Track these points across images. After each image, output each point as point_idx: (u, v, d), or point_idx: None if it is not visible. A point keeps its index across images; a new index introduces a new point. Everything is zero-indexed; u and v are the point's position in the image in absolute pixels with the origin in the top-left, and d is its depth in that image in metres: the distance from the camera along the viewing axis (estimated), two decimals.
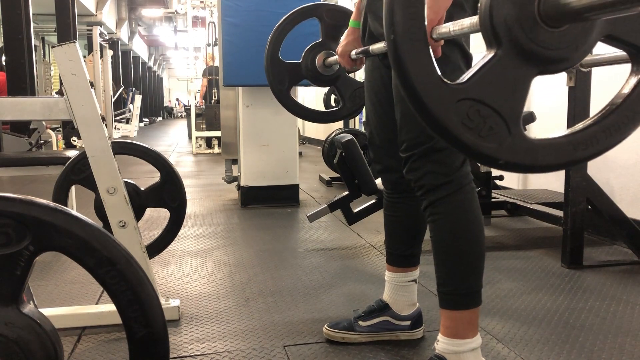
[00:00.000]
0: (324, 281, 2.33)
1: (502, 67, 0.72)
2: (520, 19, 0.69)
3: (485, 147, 0.74)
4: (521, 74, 0.73)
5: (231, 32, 3.59)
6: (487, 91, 0.73)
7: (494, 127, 0.73)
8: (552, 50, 0.70)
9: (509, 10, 0.69)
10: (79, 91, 1.65)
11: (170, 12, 16.22)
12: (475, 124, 0.73)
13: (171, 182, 2.13)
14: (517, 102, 0.74)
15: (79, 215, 0.76)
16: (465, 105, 0.73)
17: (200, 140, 8.69)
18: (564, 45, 0.71)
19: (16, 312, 0.74)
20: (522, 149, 0.75)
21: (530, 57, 0.71)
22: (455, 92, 0.73)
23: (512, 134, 0.74)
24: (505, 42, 0.70)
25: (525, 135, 0.75)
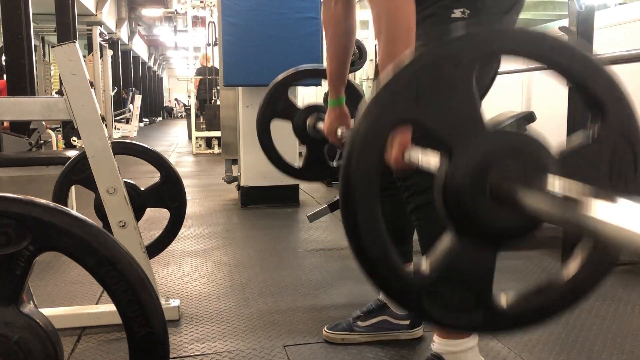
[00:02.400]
0: (324, 281, 2.33)
1: (462, 251, 0.75)
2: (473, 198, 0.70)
3: (461, 321, 0.78)
4: (483, 254, 0.77)
5: (231, 32, 3.59)
6: (452, 275, 0.76)
7: (464, 303, 0.78)
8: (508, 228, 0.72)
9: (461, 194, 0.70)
10: (79, 91, 1.65)
11: (170, 12, 16.20)
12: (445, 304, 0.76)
13: (171, 182, 2.13)
14: (484, 279, 0.79)
15: (79, 215, 0.76)
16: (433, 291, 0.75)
17: (200, 140, 8.69)
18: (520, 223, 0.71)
19: (16, 312, 0.74)
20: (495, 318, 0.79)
21: (487, 238, 0.74)
22: (421, 281, 0.75)
23: (483, 308, 0.78)
24: (462, 227, 0.73)
25: (498, 304, 0.79)
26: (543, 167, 0.70)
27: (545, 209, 0.59)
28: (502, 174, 0.68)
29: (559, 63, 0.73)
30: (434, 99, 0.70)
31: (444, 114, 0.71)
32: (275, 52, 3.53)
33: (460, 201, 0.70)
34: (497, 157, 0.70)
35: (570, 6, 2.41)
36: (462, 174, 0.70)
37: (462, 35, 0.72)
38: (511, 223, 0.71)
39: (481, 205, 0.69)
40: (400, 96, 0.70)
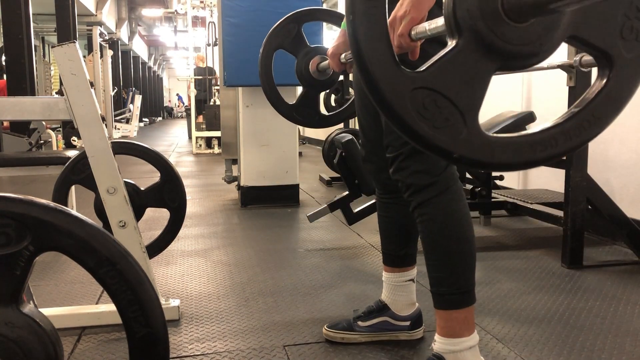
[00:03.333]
0: (324, 281, 2.33)
1: (462, 58, 0.70)
2: (483, 11, 0.67)
3: (439, 138, 0.72)
4: (481, 67, 0.71)
5: (231, 32, 3.59)
6: (445, 81, 0.71)
7: (449, 118, 0.71)
8: (514, 46, 0.69)
9: (472, 3, 0.67)
10: (79, 91, 1.65)
11: (170, 12, 16.19)
12: (430, 114, 0.71)
13: (171, 182, 2.13)
14: (476, 94, 0.72)
15: (79, 215, 0.76)
16: (422, 94, 0.71)
17: (200, 140, 8.70)
18: (526, 42, 0.69)
19: (16, 312, 0.74)
20: (477, 144, 0.73)
21: (491, 50, 0.70)
22: (412, 80, 0.71)
23: (468, 127, 0.72)
24: (467, 33, 0.69)
25: (482, 131, 0.73)
26: None
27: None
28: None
29: None
30: None
31: None
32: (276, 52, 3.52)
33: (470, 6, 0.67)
34: None
35: None
36: None
37: None
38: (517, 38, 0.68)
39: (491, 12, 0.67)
40: None
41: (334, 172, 4.95)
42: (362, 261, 2.60)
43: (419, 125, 0.71)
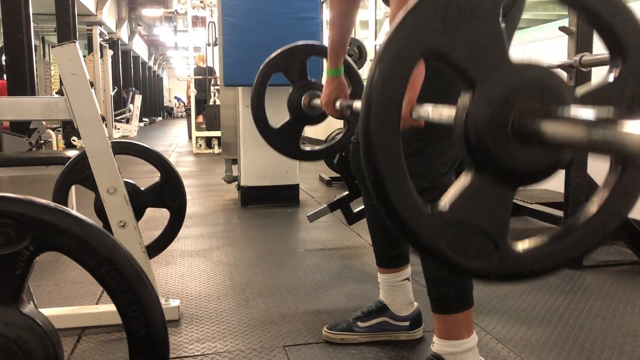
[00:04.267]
0: (324, 281, 2.33)
1: (482, 190, 0.73)
2: (494, 136, 0.68)
3: (475, 266, 0.75)
4: (502, 193, 0.74)
5: (231, 32, 3.59)
6: (471, 215, 0.74)
7: (482, 246, 0.74)
8: (528, 166, 0.70)
9: (483, 128, 0.68)
10: (79, 91, 1.65)
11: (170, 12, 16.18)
12: (463, 246, 0.74)
13: (171, 182, 2.13)
14: (502, 218, 0.75)
15: (79, 215, 0.76)
16: (452, 230, 0.73)
17: (200, 140, 8.70)
18: (539, 161, 0.70)
19: (16, 312, 0.74)
20: (510, 262, 0.76)
21: (507, 175, 0.71)
22: (440, 219, 0.73)
23: (500, 251, 0.75)
24: (481, 163, 0.71)
25: (514, 249, 0.76)
26: (566, 101, 0.68)
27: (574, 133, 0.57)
28: (525, 108, 0.66)
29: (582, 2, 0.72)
30: (460, 28, 0.68)
31: (470, 45, 0.68)
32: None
33: (481, 136, 0.68)
34: (521, 91, 0.67)
35: None
36: (485, 108, 0.67)
37: None
38: (532, 160, 0.69)
39: (503, 141, 0.67)
40: (428, 24, 0.67)
41: (334, 172, 4.95)
42: (362, 261, 2.60)
43: (454, 259, 0.74)
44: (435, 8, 0.67)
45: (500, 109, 0.67)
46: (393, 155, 0.72)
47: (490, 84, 0.68)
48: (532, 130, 0.64)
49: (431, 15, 0.67)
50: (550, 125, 0.61)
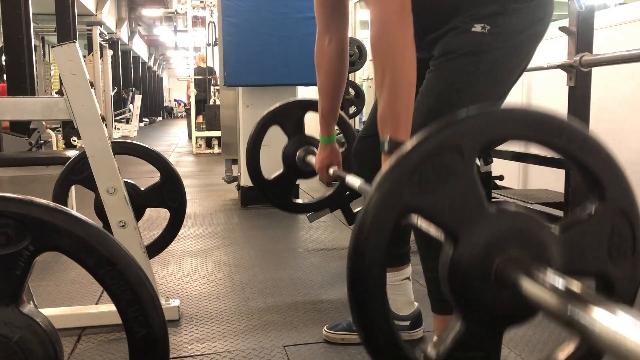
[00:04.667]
0: (324, 281, 2.33)
1: (469, 335, 0.76)
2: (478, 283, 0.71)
3: None
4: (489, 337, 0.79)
5: (231, 32, 3.59)
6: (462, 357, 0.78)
7: None
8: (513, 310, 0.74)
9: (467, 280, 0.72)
10: (79, 91, 1.65)
11: (170, 12, 16.17)
12: None
13: (171, 182, 2.13)
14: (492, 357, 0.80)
15: (79, 215, 0.76)
16: None
17: (200, 140, 8.70)
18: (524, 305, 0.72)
19: (16, 312, 0.74)
20: None
21: (493, 320, 0.76)
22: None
23: None
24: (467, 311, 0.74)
25: None
26: (545, 248, 0.72)
27: (545, 303, 0.61)
28: (506, 258, 0.70)
29: (559, 145, 0.75)
30: (437, 186, 0.72)
31: (448, 202, 0.72)
32: (276, 52, 3.53)
33: (466, 286, 0.72)
34: (501, 241, 0.71)
35: (570, 6, 2.41)
36: (468, 260, 0.71)
37: (465, 120, 0.73)
38: (516, 307, 0.73)
39: (487, 290, 0.71)
40: (404, 185, 0.71)
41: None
42: None
43: None
44: (410, 172, 0.71)
45: (482, 259, 0.71)
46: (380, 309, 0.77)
47: (471, 237, 0.72)
48: (512, 282, 0.67)
49: (406, 179, 0.71)
50: (528, 285, 0.65)
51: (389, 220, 0.73)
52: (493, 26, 1.26)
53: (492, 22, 1.26)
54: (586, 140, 0.76)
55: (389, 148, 1.14)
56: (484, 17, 1.26)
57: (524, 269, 0.67)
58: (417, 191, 0.71)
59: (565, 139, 0.75)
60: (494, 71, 1.28)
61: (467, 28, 1.26)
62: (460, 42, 1.27)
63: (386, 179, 0.72)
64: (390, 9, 1.12)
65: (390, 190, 0.71)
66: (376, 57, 1.16)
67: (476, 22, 1.26)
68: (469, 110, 0.73)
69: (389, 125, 1.14)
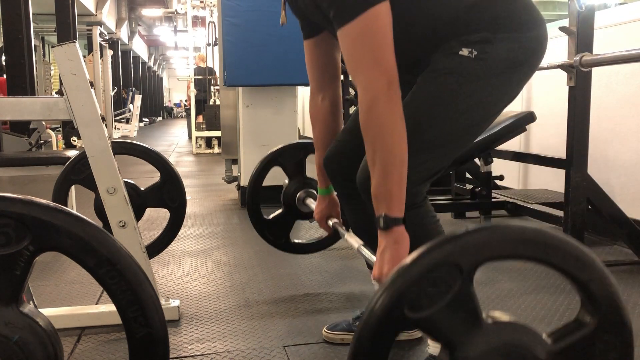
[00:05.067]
0: (324, 281, 2.33)
1: None
2: None
3: None
4: None
5: (231, 32, 3.59)
6: None
7: None
8: None
9: None
10: (79, 91, 1.65)
11: (170, 12, 16.17)
12: None
13: (171, 182, 2.13)
14: None
15: (79, 215, 0.76)
16: None
17: (200, 140, 8.70)
18: None
19: (16, 312, 0.74)
20: None
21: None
22: None
23: None
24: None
25: None
26: None
27: None
28: None
29: (557, 263, 0.79)
30: (436, 301, 0.75)
31: (446, 316, 0.75)
32: (276, 52, 3.53)
33: None
34: (497, 352, 0.75)
35: (570, 6, 2.41)
36: None
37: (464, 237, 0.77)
38: None
39: None
40: (405, 301, 0.75)
41: None
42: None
43: None
44: (410, 286, 0.75)
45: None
46: None
47: (467, 348, 0.75)
48: None
49: (406, 293, 0.75)
50: None
51: (389, 333, 0.77)
52: (480, 52, 1.25)
53: (480, 49, 1.25)
54: (584, 258, 0.80)
55: (384, 225, 1.15)
56: (473, 42, 1.25)
57: None
58: (417, 306, 0.75)
59: (561, 257, 0.79)
60: (476, 94, 1.27)
61: (455, 51, 1.26)
62: (445, 62, 1.27)
63: (387, 290, 0.75)
64: (377, 86, 1.12)
65: (391, 304, 0.75)
66: (366, 134, 1.17)
67: (464, 46, 1.25)
68: (467, 228, 0.77)
69: (383, 202, 1.15)
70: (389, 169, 1.14)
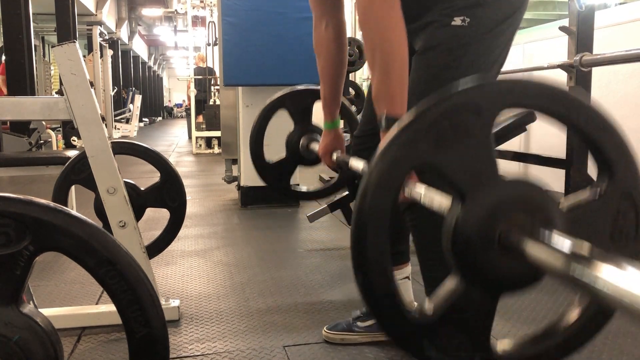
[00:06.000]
0: (324, 281, 2.33)
1: (465, 295, 0.76)
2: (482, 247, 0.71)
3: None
4: (485, 299, 0.78)
5: (231, 32, 3.59)
6: (454, 318, 0.77)
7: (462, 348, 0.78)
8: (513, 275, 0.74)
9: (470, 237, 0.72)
10: (79, 91, 1.65)
11: (170, 12, 16.17)
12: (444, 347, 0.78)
13: (171, 182, 2.13)
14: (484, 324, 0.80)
15: (79, 215, 0.76)
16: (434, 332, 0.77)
17: (200, 140, 8.70)
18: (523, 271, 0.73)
19: (16, 312, 0.74)
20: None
21: (491, 284, 0.75)
22: (423, 321, 0.77)
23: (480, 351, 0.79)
24: (467, 271, 0.74)
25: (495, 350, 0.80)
26: (551, 220, 0.72)
27: (551, 263, 0.61)
28: (512, 223, 0.70)
29: (575, 121, 0.76)
30: (452, 145, 0.72)
31: (462, 161, 0.72)
32: (275, 51, 3.53)
33: (469, 246, 0.72)
34: (509, 207, 0.71)
35: (570, 6, 2.41)
36: (474, 220, 0.71)
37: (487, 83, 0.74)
38: (516, 272, 0.73)
39: (489, 252, 0.71)
40: (420, 140, 0.71)
41: (333, 172, 4.94)
42: None
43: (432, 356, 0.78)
44: (427, 127, 0.72)
45: (488, 222, 0.71)
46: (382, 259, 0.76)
47: (480, 198, 0.72)
48: (516, 247, 0.67)
49: (423, 134, 0.71)
50: (533, 247, 0.65)
51: (402, 169, 0.73)
52: (472, 18, 1.27)
53: (471, 14, 1.27)
54: (602, 119, 0.77)
55: (386, 125, 1.13)
56: (463, 8, 1.27)
57: (529, 233, 0.67)
58: (432, 146, 0.71)
59: (582, 118, 0.75)
60: (476, 63, 1.29)
61: (447, 22, 1.27)
62: (441, 37, 1.28)
63: (404, 131, 0.72)
64: None
65: (407, 141, 0.71)
66: (365, 37, 1.15)
67: (456, 14, 1.27)
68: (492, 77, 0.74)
69: (384, 102, 1.14)
70: (389, 69, 1.13)
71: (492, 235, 0.70)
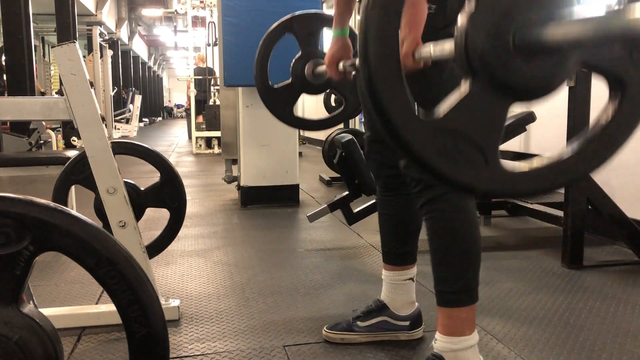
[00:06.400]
0: (324, 281, 2.33)
1: (477, 98, 0.72)
2: (495, 50, 0.68)
3: (463, 177, 0.74)
4: (497, 106, 0.73)
5: (231, 32, 3.59)
6: (464, 124, 0.73)
7: (471, 157, 0.74)
8: (527, 80, 0.70)
9: (484, 41, 0.68)
10: (79, 91, 1.65)
11: (170, 12, 16.17)
12: (452, 156, 0.73)
13: (171, 182, 2.13)
14: (494, 132, 0.75)
15: (79, 215, 0.76)
16: (442, 138, 0.73)
17: (200, 140, 8.70)
18: (539, 75, 0.70)
19: (16, 312, 0.74)
20: (499, 179, 0.75)
21: (505, 87, 0.71)
22: (432, 125, 0.73)
23: (490, 164, 0.75)
24: (480, 73, 0.70)
25: (503, 165, 0.75)
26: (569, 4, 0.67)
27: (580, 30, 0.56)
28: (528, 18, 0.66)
29: None
30: None
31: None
32: (276, 52, 3.52)
33: (482, 47, 0.68)
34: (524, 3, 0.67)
35: None
36: (487, 18, 0.68)
37: None
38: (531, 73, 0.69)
39: (503, 52, 0.67)
40: None
41: (334, 172, 4.95)
42: (362, 261, 2.60)
43: (442, 167, 0.73)
44: None
45: (501, 19, 0.67)
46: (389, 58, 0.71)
47: None
48: (534, 39, 0.63)
49: None
50: (554, 28, 0.60)
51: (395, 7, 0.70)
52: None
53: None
54: None
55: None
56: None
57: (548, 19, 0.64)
58: None
59: None
60: None
61: None
62: None
63: None
64: None
65: None
66: None
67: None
68: None
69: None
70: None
71: (506, 33, 0.67)
